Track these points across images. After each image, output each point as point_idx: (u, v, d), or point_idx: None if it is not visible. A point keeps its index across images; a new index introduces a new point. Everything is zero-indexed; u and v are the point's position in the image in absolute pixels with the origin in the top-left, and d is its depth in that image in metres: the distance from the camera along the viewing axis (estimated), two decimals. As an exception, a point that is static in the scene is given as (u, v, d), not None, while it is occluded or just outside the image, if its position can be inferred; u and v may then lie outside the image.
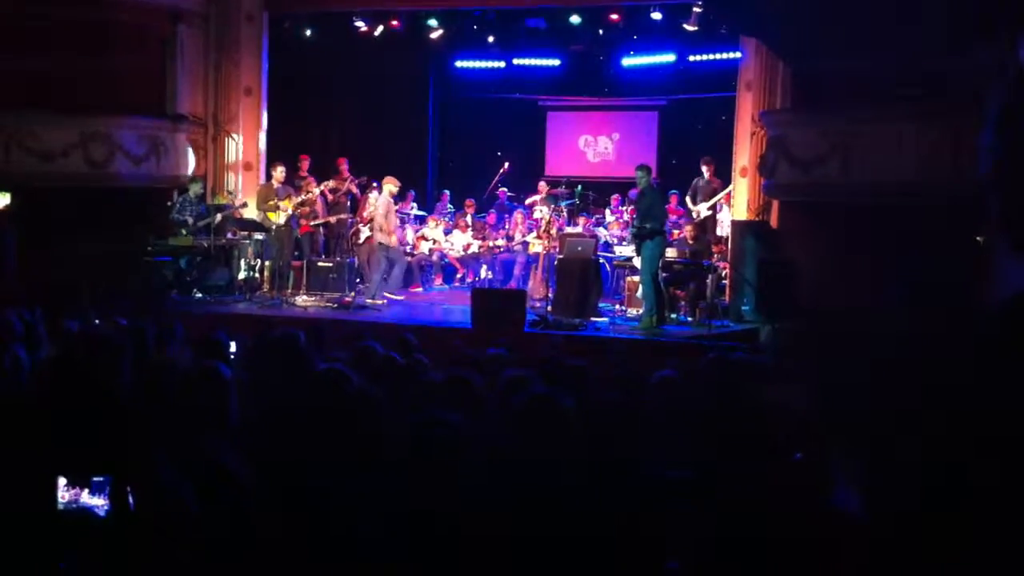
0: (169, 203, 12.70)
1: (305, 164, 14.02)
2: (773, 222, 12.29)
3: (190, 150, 13.76)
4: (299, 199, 13.04)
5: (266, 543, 2.88)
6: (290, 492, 3.17)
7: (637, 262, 11.85)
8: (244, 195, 13.81)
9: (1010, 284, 8.63)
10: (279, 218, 12.78)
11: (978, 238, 9.96)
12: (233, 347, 6.21)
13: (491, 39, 15.14)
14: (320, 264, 13.18)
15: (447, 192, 15.75)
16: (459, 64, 18.00)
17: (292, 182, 13.42)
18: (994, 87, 8.49)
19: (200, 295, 12.33)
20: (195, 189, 12.88)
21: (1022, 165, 8.18)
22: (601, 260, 12.85)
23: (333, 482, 3.23)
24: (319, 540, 2.94)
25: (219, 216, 12.74)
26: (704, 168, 13.68)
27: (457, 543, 2.99)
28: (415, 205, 15.92)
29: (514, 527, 3.06)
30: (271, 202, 12.83)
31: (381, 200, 12.92)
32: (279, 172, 13.07)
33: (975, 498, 3.30)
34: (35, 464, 3.30)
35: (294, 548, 2.91)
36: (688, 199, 13.67)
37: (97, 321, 7.60)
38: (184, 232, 12.47)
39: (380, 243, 12.80)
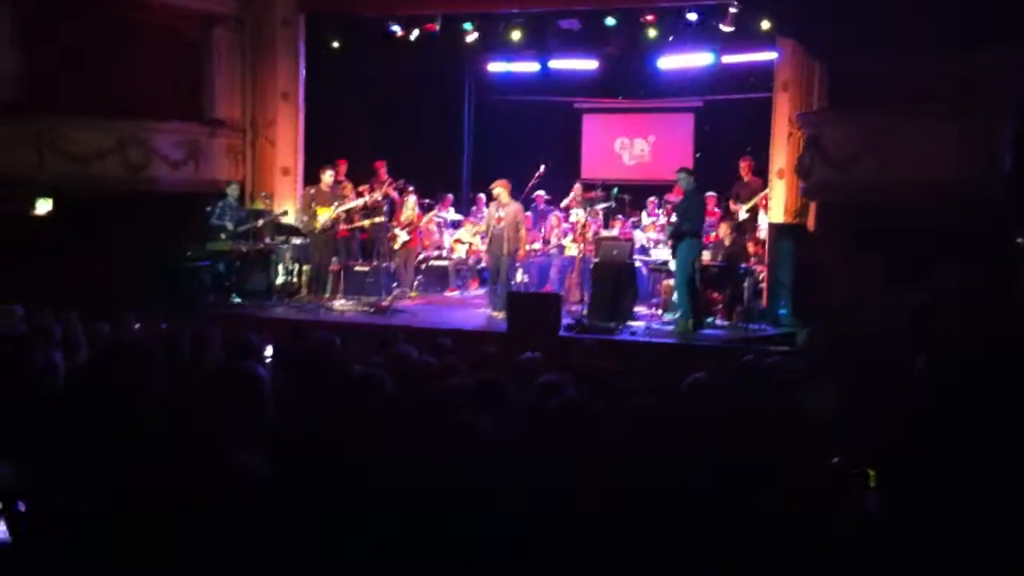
0: (208, 208, 12.79)
1: (342, 168, 14.07)
2: (810, 224, 12.19)
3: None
4: (343, 207, 13.05)
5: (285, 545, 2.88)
6: (323, 495, 3.19)
7: (673, 265, 11.81)
8: (280, 199, 13.90)
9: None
10: (318, 224, 12.84)
11: (1018, 240, 9.85)
12: (269, 351, 6.26)
13: (526, 41, 15.11)
14: (356, 268, 13.23)
15: (483, 196, 15.73)
16: (494, 67, 18.01)
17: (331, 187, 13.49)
18: (1012, 92, 8.44)
19: (238, 299, 12.43)
20: (232, 193, 12.95)
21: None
22: (637, 264, 12.82)
23: (366, 485, 3.25)
24: (348, 542, 2.95)
25: (260, 222, 12.83)
26: (742, 166, 13.59)
27: (488, 545, 2.99)
28: (452, 209, 15.97)
29: (542, 528, 3.06)
30: (311, 208, 12.89)
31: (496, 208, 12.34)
32: (328, 176, 13.02)
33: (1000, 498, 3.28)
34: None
35: (319, 551, 2.92)
36: (731, 202, 13.59)
37: (137, 325, 7.68)
38: (223, 237, 12.56)
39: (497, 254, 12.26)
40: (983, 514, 3.12)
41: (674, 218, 13.45)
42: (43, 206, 12.58)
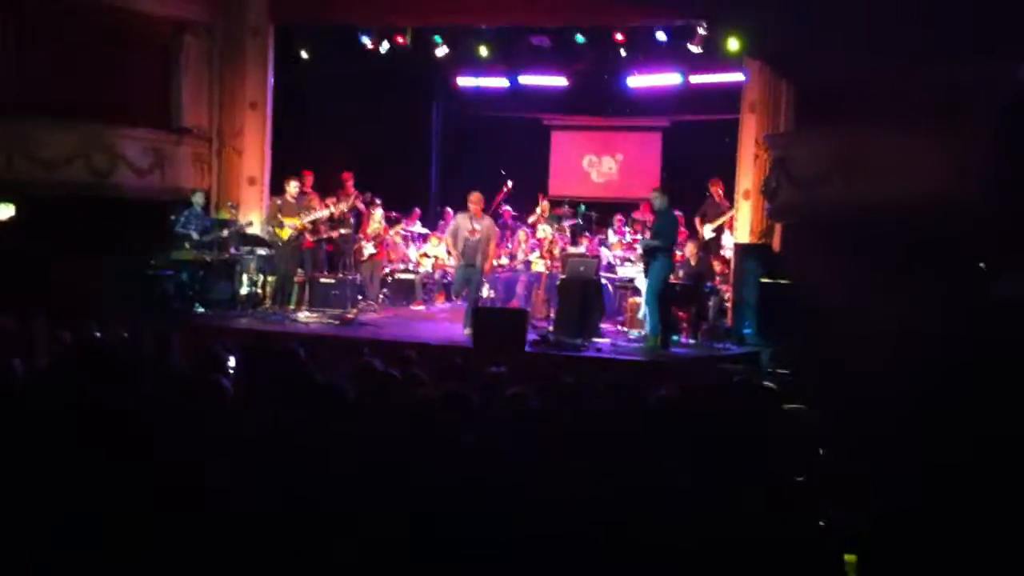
0: (172, 216, 12.68)
1: (309, 180, 14.01)
2: (775, 244, 12.28)
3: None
4: (309, 218, 12.99)
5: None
6: (285, 503, 3.16)
7: (639, 282, 11.84)
8: (246, 209, 13.83)
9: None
10: (284, 234, 12.77)
11: (981, 264, 9.92)
12: (232, 361, 6.21)
13: (495, 57, 15.13)
14: (322, 280, 13.15)
15: (450, 210, 15.72)
16: (463, 81, 18.03)
17: (296, 198, 13.41)
18: (989, 104, 8.48)
19: (202, 309, 12.31)
20: (198, 201, 12.85)
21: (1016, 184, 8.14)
22: (603, 280, 12.84)
23: (327, 494, 3.22)
24: (309, 550, 2.92)
25: (225, 232, 12.74)
26: (712, 189, 13.69)
27: (450, 554, 2.97)
28: (419, 222, 15.94)
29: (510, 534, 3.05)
30: (276, 218, 12.82)
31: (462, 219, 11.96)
32: (292, 187, 12.97)
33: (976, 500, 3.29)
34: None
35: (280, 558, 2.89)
36: (697, 220, 13.66)
37: (98, 333, 7.59)
38: (187, 246, 12.46)
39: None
40: (969, 515, 3.13)
41: (639, 236, 13.55)
42: (3, 211, 12.42)
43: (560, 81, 17.36)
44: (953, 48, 9.70)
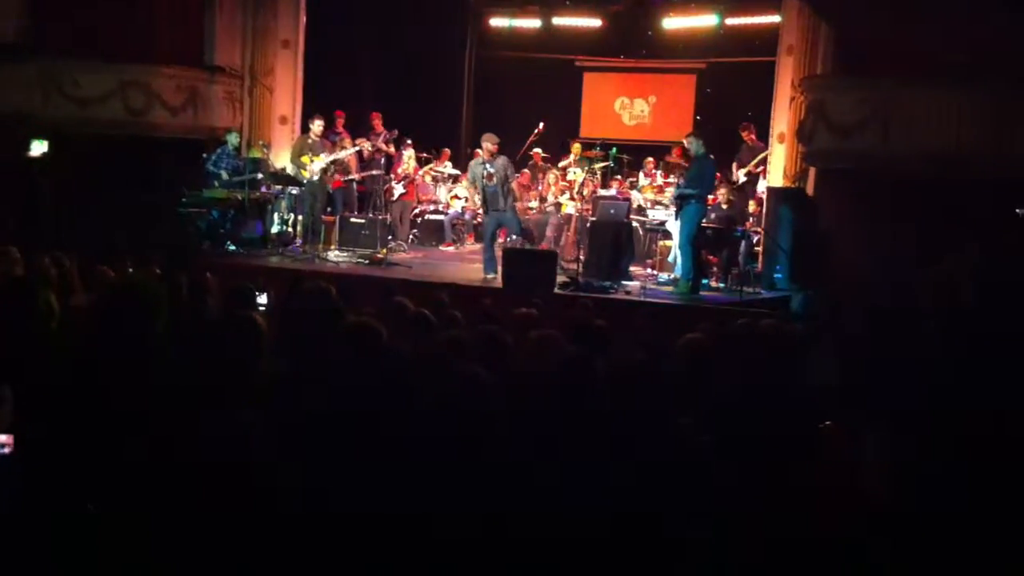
0: (205, 155, 12.72)
1: (340, 120, 13.99)
2: (809, 189, 12.17)
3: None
4: (333, 157, 13.01)
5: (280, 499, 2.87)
6: (314, 444, 3.19)
7: (670, 226, 11.78)
8: (278, 148, 13.83)
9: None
10: (307, 173, 12.77)
11: (1018, 211, 9.82)
12: (264, 299, 6.25)
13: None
14: (352, 220, 13.18)
15: (480, 151, 15.65)
16: (496, 21, 17.87)
17: (328, 137, 13.41)
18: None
19: (233, 247, 12.38)
20: (232, 141, 12.87)
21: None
22: (634, 223, 12.79)
23: (359, 435, 3.24)
24: (338, 495, 2.93)
25: (259, 175, 12.75)
26: (744, 135, 13.55)
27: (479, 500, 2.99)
28: (449, 163, 15.90)
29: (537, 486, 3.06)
30: (303, 157, 12.82)
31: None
32: (317, 126, 13.00)
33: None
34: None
35: (309, 504, 2.90)
36: (735, 166, 13.53)
37: (131, 269, 7.66)
38: (218, 184, 12.50)
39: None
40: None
41: (670, 179, 13.47)
42: (38, 148, 12.48)
43: (594, 22, 17.18)
44: (990, 3, 9.55)
